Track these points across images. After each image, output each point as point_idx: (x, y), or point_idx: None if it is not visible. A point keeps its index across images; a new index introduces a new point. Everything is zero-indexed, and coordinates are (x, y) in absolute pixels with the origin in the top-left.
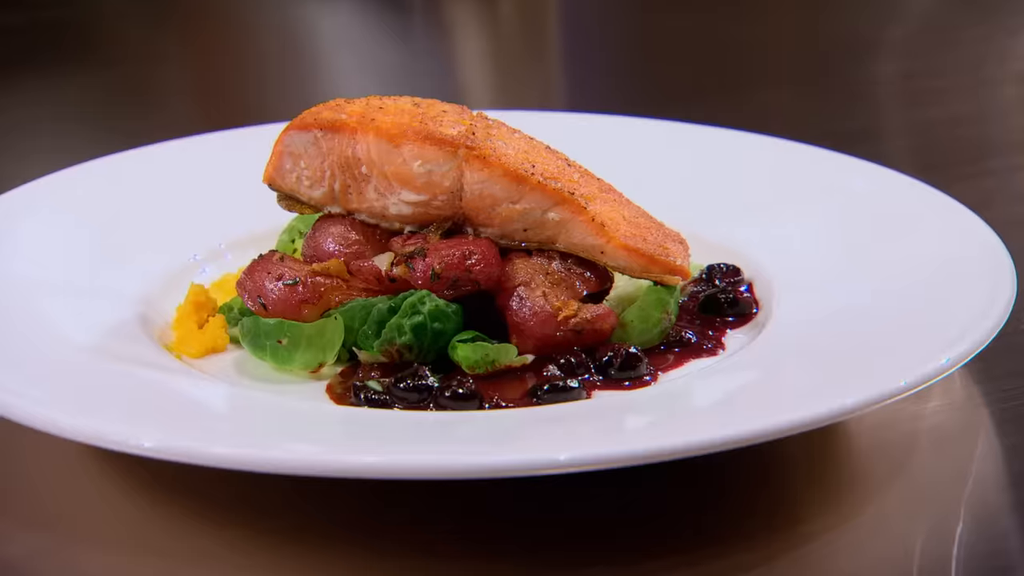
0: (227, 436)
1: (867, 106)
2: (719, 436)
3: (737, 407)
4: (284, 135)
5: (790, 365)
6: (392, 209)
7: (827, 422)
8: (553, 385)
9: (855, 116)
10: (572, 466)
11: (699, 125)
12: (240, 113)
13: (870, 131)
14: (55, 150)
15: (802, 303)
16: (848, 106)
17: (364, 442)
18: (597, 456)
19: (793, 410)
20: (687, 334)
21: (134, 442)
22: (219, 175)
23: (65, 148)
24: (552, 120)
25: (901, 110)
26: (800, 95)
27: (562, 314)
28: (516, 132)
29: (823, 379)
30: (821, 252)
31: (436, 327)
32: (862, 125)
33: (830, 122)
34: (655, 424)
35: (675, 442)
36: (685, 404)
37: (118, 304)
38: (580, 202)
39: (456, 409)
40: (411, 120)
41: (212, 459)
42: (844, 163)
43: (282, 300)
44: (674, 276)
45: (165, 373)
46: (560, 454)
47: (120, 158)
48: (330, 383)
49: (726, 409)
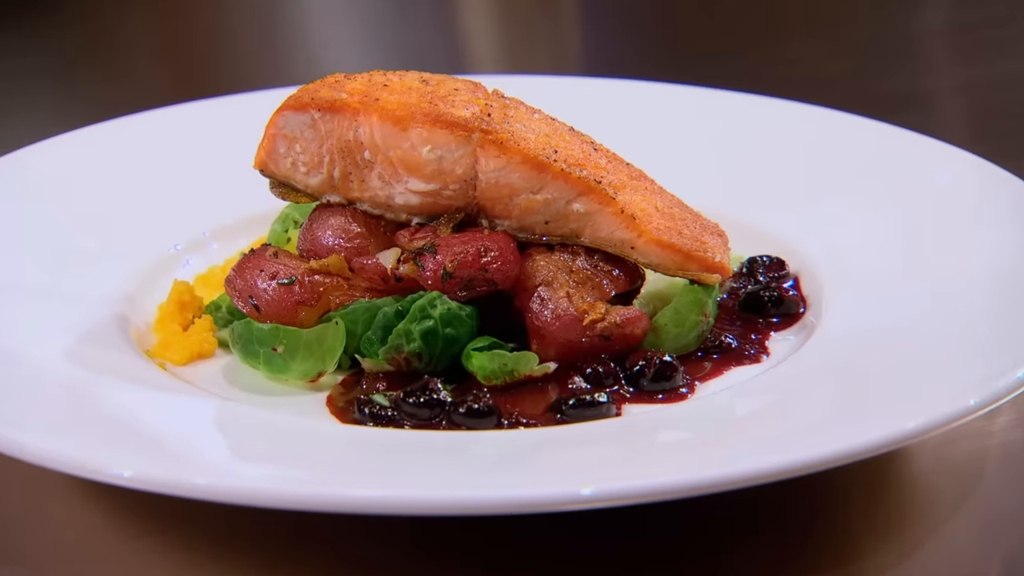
0: (216, 465)
1: (915, 64)
2: (768, 466)
3: (786, 430)
4: (277, 116)
5: (844, 378)
6: (398, 199)
7: (887, 449)
8: (579, 400)
9: (901, 76)
10: (599, 501)
11: (731, 92)
12: (225, 78)
13: (917, 95)
14: (8, 125)
15: (855, 302)
16: (893, 64)
17: (365, 474)
18: (627, 491)
19: (849, 436)
20: (727, 338)
21: (112, 471)
22: (201, 151)
23: (22, 122)
24: (565, 86)
25: (953, 68)
26: (838, 51)
27: (588, 317)
28: (536, 112)
29: (882, 396)
30: (876, 242)
31: (448, 333)
32: (909, 87)
33: (873, 83)
34: (693, 450)
35: (717, 474)
36: (727, 425)
37: (89, 304)
38: (608, 192)
39: (472, 427)
40: (419, 100)
41: (200, 492)
42: (895, 136)
43: (276, 302)
44: (713, 274)
45: (146, 386)
46: (586, 487)
47: (87, 133)
48: (331, 395)
49: (774, 432)
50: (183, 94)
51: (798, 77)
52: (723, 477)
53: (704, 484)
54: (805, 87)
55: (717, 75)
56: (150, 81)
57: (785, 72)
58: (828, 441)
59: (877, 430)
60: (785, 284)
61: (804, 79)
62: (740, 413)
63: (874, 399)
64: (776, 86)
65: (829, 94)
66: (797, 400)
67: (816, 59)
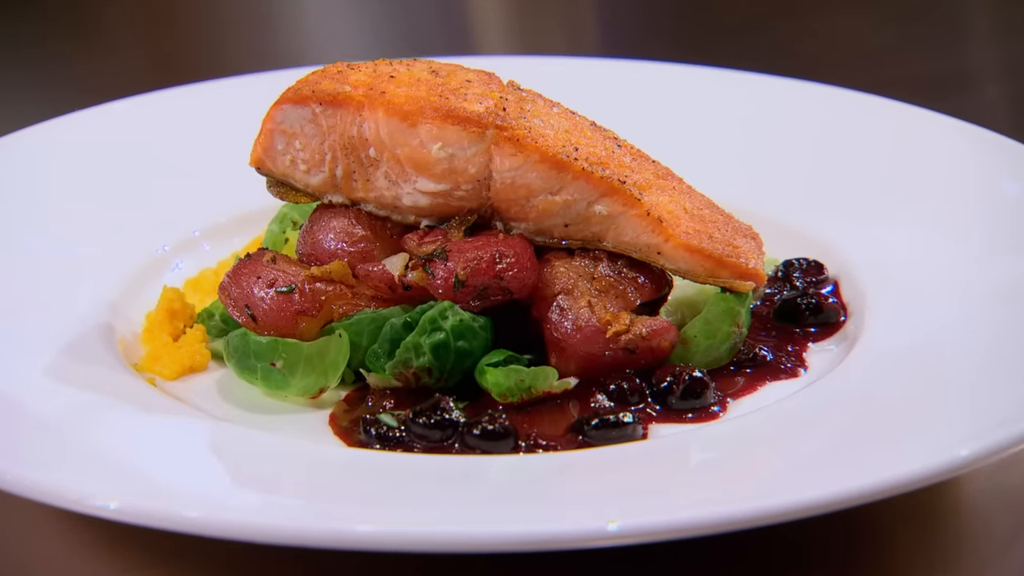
0: (209, 496)
1: (962, 40)
2: (812, 499)
3: (829, 456)
4: (275, 109)
5: (890, 396)
6: (406, 200)
7: (939, 479)
8: (603, 420)
9: (947, 54)
10: (626, 538)
11: (761, 75)
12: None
13: (965, 74)
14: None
15: (902, 310)
16: (939, 40)
17: (371, 505)
18: (658, 527)
19: (898, 463)
20: (761, 350)
21: (96, 502)
22: (191, 142)
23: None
24: (581, 68)
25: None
26: (877, 25)
27: (612, 329)
28: (555, 106)
29: (933, 417)
30: (923, 243)
31: (461, 346)
32: (956, 65)
33: (916, 61)
34: (726, 479)
35: (755, 507)
36: (764, 449)
37: (69, 314)
38: (633, 193)
39: (487, 451)
40: (429, 93)
41: (192, 526)
42: (945, 125)
43: (275, 311)
44: (746, 281)
45: (134, 405)
46: (612, 523)
47: (61, 123)
48: (334, 413)
49: (815, 458)
50: (168, 78)
51: (835, 53)
52: (762, 511)
53: (740, 519)
54: (842, 65)
55: (746, 52)
56: (131, 62)
57: (821, 47)
58: (876, 470)
59: (928, 457)
60: (824, 290)
61: (841, 55)
62: (778, 436)
63: (924, 420)
64: (811, 64)
65: (869, 73)
66: (840, 421)
67: (855, 32)
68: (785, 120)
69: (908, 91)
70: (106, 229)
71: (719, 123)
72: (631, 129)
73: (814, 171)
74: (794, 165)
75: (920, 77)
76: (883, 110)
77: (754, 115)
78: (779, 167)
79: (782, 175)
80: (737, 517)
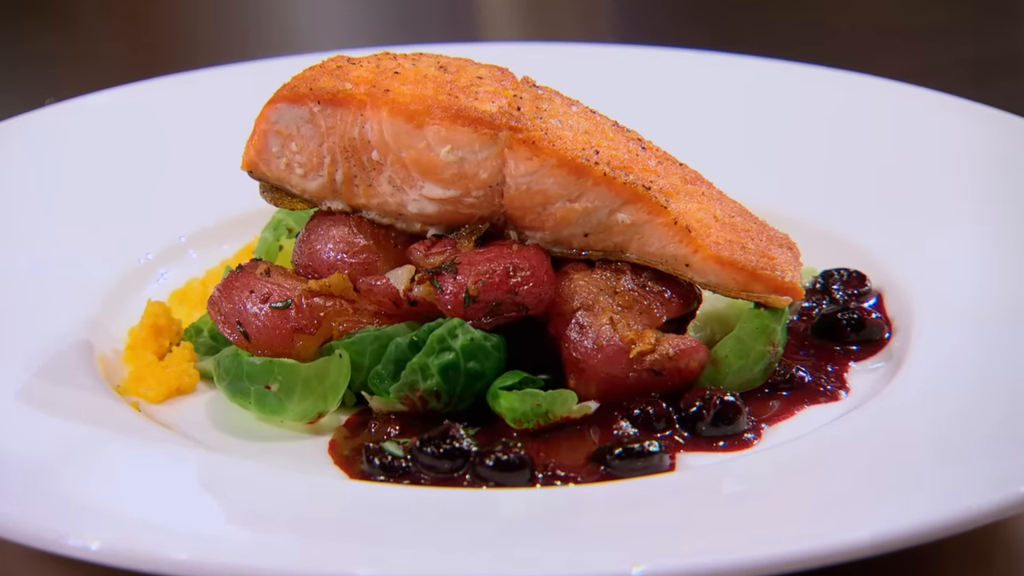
0: (200, 535)
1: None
2: (859, 539)
3: (876, 490)
4: (270, 108)
5: (941, 422)
6: (412, 207)
7: (998, 517)
8: (627, 449)
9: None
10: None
11: (794, 63)
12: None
13: (1017, 59)
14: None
15: (952, 326)
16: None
17: (374, 544)
18: (688, 570)
19: (953, 498)
20: (798, 371)
21: (76, 542)
22: (176, 140)
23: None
24: (596, 56)
25: None
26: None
27: (636, 348)
28: (574, 104)
29: (989, 447)
30: (976, 252)
31: (472, 367)
32: (1004, 49)
33: (960, 44)
34: (763, 516)
35: (797, 549)
36: (804, 482)
37: (45, 331)
38: (659, 200)
39: (501, 483)
40: (436, 91)
41: (180, 568)
42: (1000, 122)
43: (269, 329)
44: (782, 296)
45: (116, 432)
46: (637, 566)
47: (32, 119)
48: (334, 441)
49: (861, 492)
50: (149, 68)
51: (874, 37)
52: (803, 553)
53: (779, 562)
54: (885, 50)
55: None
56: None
57: (859, 30)
58: (928, 507)
59: (985, 493)
60: (867, 303)
61: (884, 40)
62: (818, 467)
63: (980, 451)
64: (851, 49)
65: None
66: (886, 451)
67: (899, 14)
68: (822, 114)
69: (955, 77)
70: (83, 236)
71: (749, 118)
72: (649, 125)
73: (856, 172)
74: (834, 165)
75: (966, 62)
76: (931, 103)
77: (787, 109)
78: (817, 167)
79: (820, 176)
80: (775, 560)
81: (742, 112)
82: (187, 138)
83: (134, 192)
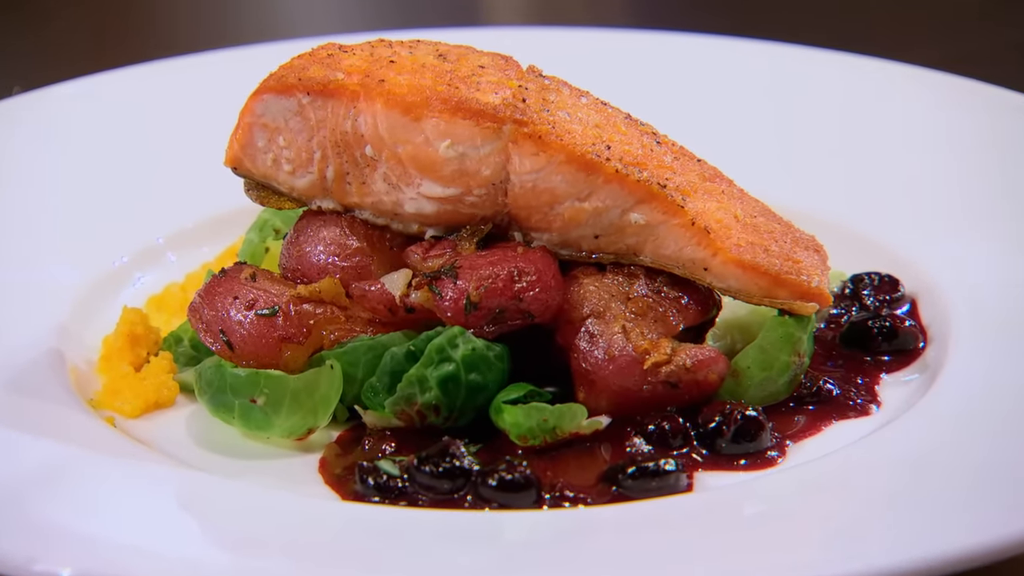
0: (179, 561)
1: None
2: (890, 565)
3: (909, 511)
4: (255, 100)
5: (980, 438)
6: (408, 206)
7: None
8: (640, 468)
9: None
10: None
11: (816, 49)
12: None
13: None
14: None
15: (992, 335)
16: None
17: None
18: None
19: (993, 521)
20: (826, 383)
21: (45, 569)
22: (153, 133)
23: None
24: (606, 41)
25: None
26: None
27: (650, 359)
28: (584, 96)
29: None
30: (1017, 256)
31: (473, 380)
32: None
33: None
34: (788, 540)
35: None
36: (831, 504)
37: (13, 339)
38: (675, 198)
39: (505, 504)
40: (435, 81)
41: None
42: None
43: (255, 338)
44: (808, 303)
45: (90, 449)
46: None
47: (1, 108)
48: (325, 459)
49: (893, 513)
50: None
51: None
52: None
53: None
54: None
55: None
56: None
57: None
58: (966, 531)
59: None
60: (899, 310)
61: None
62: (847, 487)
63: (1021, 472)
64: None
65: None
66: (921, 471)
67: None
68: (850, 104)
69: (995, 65)
70: (53, 237)
71: (771, 109)
72: (664, 117)
73: (887, 167)
74: (863, 160)
75: (1008, 47)
76: (970, 93)
77: (812, 97)
78: (845, 162)
79: (849, 172)
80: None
81: (764, 103)
82: (166, 131)
83: (108, 189)
